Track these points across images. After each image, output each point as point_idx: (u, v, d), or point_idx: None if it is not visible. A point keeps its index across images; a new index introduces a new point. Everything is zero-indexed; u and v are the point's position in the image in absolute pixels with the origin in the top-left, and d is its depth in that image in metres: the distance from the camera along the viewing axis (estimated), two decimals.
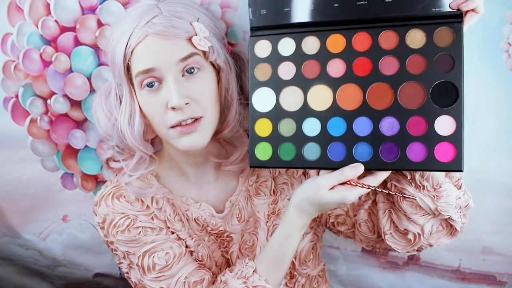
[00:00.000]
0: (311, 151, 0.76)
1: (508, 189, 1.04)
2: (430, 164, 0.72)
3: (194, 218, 0.89)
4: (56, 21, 1.06)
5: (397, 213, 0.83)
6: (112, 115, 0.84)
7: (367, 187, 0.74)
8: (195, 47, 0.77)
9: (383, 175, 0.75)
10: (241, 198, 0.91)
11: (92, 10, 1.05)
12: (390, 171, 0.77)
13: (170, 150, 0.88)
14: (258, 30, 0.80)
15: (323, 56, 0.76)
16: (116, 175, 0.91)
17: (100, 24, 1.05)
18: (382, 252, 1.19)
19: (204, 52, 0.79)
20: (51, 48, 1.07)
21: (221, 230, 0.90)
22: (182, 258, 0.84)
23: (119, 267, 1.30)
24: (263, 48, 0.80)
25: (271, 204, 0.92)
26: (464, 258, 1.13)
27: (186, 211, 0.89)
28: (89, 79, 1.09)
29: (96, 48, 1.07)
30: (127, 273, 0.89)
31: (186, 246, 0.88)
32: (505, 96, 0.99)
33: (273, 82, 0.79)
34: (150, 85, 0.77)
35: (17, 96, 1.12)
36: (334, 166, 0.75)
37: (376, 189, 0.75)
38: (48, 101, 1.12)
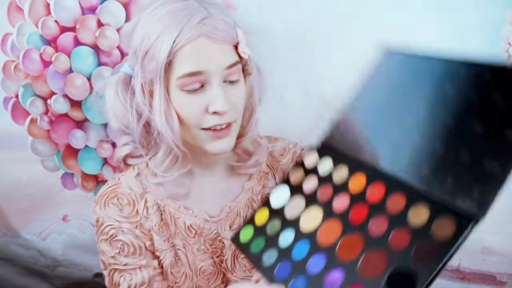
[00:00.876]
0: (270, 257, 0.75)
1: (508, 189, 1.04)
2: None
3: (188, 226, 0.87)
4: (56, 21, 1.06)
5: None
6: (133, 109, 0.79)
7: None
8: (238, 54, 0.76)
9: None
10: (242, 206, 0.89)
11: (92, 10, 1.05)
12: None
13: (186, 147, 0.83)
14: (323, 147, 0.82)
15: (340, 188, 0.75)
16: (117, 172, 0.90)
17: (100, 24, 1.05)
18: None
19: (241, 59, 0.78)
20: (51, 48, 1.07)
21: (216, 234, 0.88)
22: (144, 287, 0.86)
23: None
24: (311, 158, 0.82)
25: None
26: (464, 258, 1.13)
27: (177, 218, 0.87)
28: (89, 79, 1.09)
29: (96, 48, 1.07)
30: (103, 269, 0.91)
31: (161, 266, 0.88)
32: None
33: (297, 189, 0.81)
34: (195, 90, 0.74)
35: (17, 96, 1.12)
36: (272, 281, 0.72)
37: None
38: (48, 101, 1.12)
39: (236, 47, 0.76)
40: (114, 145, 1.16)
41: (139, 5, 1.05)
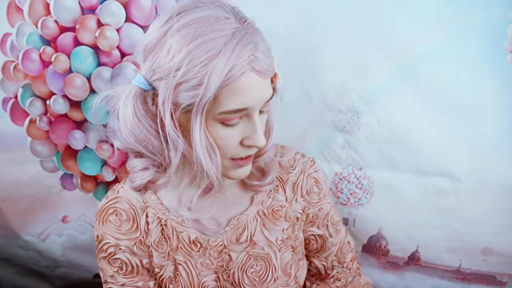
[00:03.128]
0: None
1: (508, 189, 1.04)
2: None
3: (193, 240, 0.84)
4: (55, 21, 1.05)
5: None
6: (159, 133, 0.71)
7: None
8: (271, 82, 0.73)
9: None
10: (250, 220, 0.86)
11: (92, 10, 1.04)
12: None
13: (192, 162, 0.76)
14: None
15: None
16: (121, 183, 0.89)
17: (100, 24, 1.05)
18: (383, 252, 1.19)
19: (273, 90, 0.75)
20: (50, 48, 1.07)
21: (221, 246, 0.86)
22: None
23: None
24: None
25: (286, 230, 0.88)
26: (465, 258, 1.13)
27: (181, 232, 0.84)
28: (88, 79, 1.08)
29: (95, 48, 1.07)
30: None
31: (161, 280, 0.88)
32: (508, 97, 0.99)
33: None
34: (233, 123, 0.70)
35: (16, 97, 1.12)
36: None
37: None
38: (48, 102, 1.11)
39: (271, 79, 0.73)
40: (113, 146, 1.15)
41: (164, 8, 1.02)
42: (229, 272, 0.87)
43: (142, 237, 0.85)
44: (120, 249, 0.85)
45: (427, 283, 1.19)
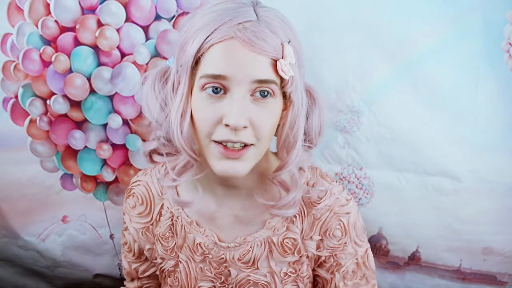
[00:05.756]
0: None
1: (508, 189, 1.04)
2: None
3: (197, 244, 0.83)
4: (56, 21, 1.05)
5: None
6: (167, 105, 0.74)
7: None
8: (276, 71, 0.67)
9: None
10: (257, 243, 0.81)
11: (92, 10, 1.05)
12: None
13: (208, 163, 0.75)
14: None
15: None
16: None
17: (100, 24, 1.05)
18: (383, 252, 1.19)
19: (281, 80, 0.69)
20: (50, 48, 1.07)
21: (222, 259, 0.83)
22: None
23: (119, 268, 1.30)
24: None
25: (293, 264, 0.82)
26: (465, 258, 1.13)
27: (188, 233, 0.83)
28: (88, 79, 1.08)
29: (96, 48, 1.07)
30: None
31: (162, 270, 0.91)
32: (506, 96, 0.99)
33: None
34: (216, 90, 0.67)
35: (16, 97, 1.12)
36: None
37: None
38: (48, 102, 1.11)
39: (276, 63, 0.67)
40: (113, 146, 1.15)
41: (164, 8, 1.04)
42: (227, 286, 0.85)
43: (152, 224, 0.86)
44: (127, 229, 0.89)
45: (427, 283, 1.19)
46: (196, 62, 0.68)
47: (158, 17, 1.06)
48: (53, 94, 1.10)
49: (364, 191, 1.11)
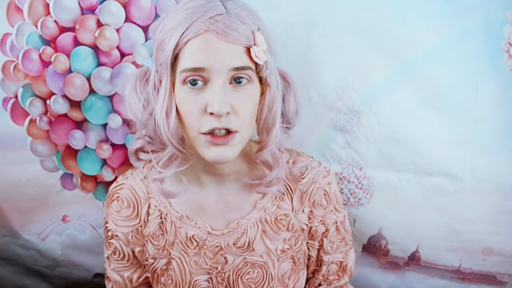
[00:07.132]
0: None
1: (508, 189, 1.04)
2: None
3: (190, 237, 0.84)
4: (55, 21, 1.05)
5: None
6: (149, 104, 0.78)
7: None
8: (250, 58, 0.73)
9: None
10: (250, 225, 0.84)
11: (92, 10, 1.04)
12: None
13: (194, 155, 0.80)
14: None
15: None
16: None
17: (99, 24, 1.05)
18: (383, 252, 1.19)
19: (256, 66, 0.74)
20: (50, 49, 1.07)
21: (217, 247, 0.85)
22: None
23: None
24: None
25: (288, 240, 0.86)
26: (465, 258, 1.13)
27: (179, 228, 0.85)
28: (88, 79, 1.08)
29: (95, 48, 1.07)
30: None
31: (154, 271, 0.90)
32: (505, 96, 0.99)
33: None
34: (194, 83, 0.72)
35: (16, 97, 1.12)
36: None
37: None
38: (48, 102, 1.12)
39: (250, 51, 0.73)
40: (113, 146, 1.15)
41: (164, 8, 1.04)
42: (223, 275, 0.86)
43: (140, 225, 0.87)
44: (116, 235, 0.88)
45: (427, 283, 1.19)
46: (175, 58, 0.73)
47: (157, 17, 1.06)
48: (53, 94, 1.10)
49: (364, 191, 1.11)
